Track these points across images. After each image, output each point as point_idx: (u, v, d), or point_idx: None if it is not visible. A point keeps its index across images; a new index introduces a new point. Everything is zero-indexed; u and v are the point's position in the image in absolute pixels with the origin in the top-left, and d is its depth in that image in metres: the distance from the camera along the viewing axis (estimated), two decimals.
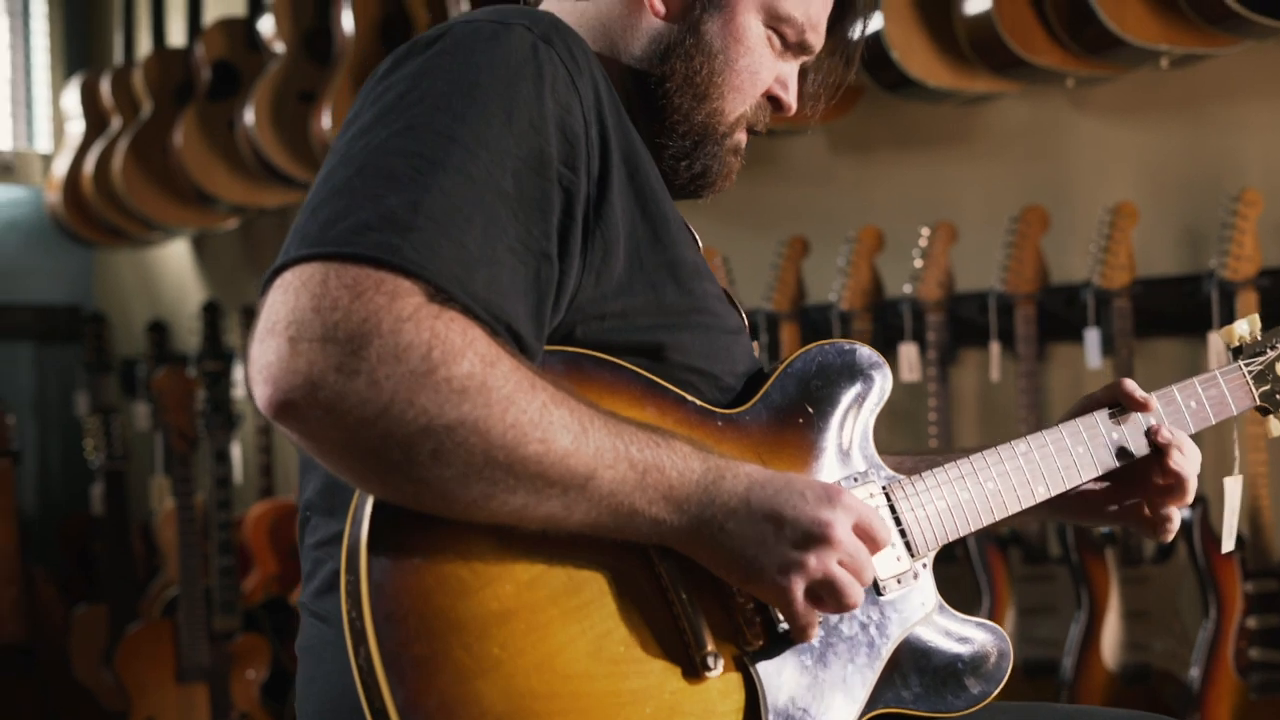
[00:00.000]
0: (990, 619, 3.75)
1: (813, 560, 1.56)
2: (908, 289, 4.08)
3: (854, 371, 1.76)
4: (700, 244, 1.88)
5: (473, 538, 1.50)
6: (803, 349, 1.77)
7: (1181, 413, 1.96)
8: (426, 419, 1.42)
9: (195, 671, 4.39)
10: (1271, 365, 2.09)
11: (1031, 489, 1.84)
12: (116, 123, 5.86)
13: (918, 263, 4.05)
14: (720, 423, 1.68)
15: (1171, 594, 3.69)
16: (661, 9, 1.78)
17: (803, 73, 1.91)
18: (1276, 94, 3.79)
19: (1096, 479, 1.90)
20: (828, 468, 1.72)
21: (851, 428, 1.75)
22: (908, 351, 4.09)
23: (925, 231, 4.06)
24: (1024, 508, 1.84)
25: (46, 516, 6.18)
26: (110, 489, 5.01)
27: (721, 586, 1.59)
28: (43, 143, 6.39)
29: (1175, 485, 1.88)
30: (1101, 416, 1.90)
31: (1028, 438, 1.86)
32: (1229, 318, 3.52)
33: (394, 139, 1.52)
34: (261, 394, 1.43)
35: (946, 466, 1.80)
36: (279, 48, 5.21)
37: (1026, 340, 3.86)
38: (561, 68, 1.60)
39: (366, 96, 1.60)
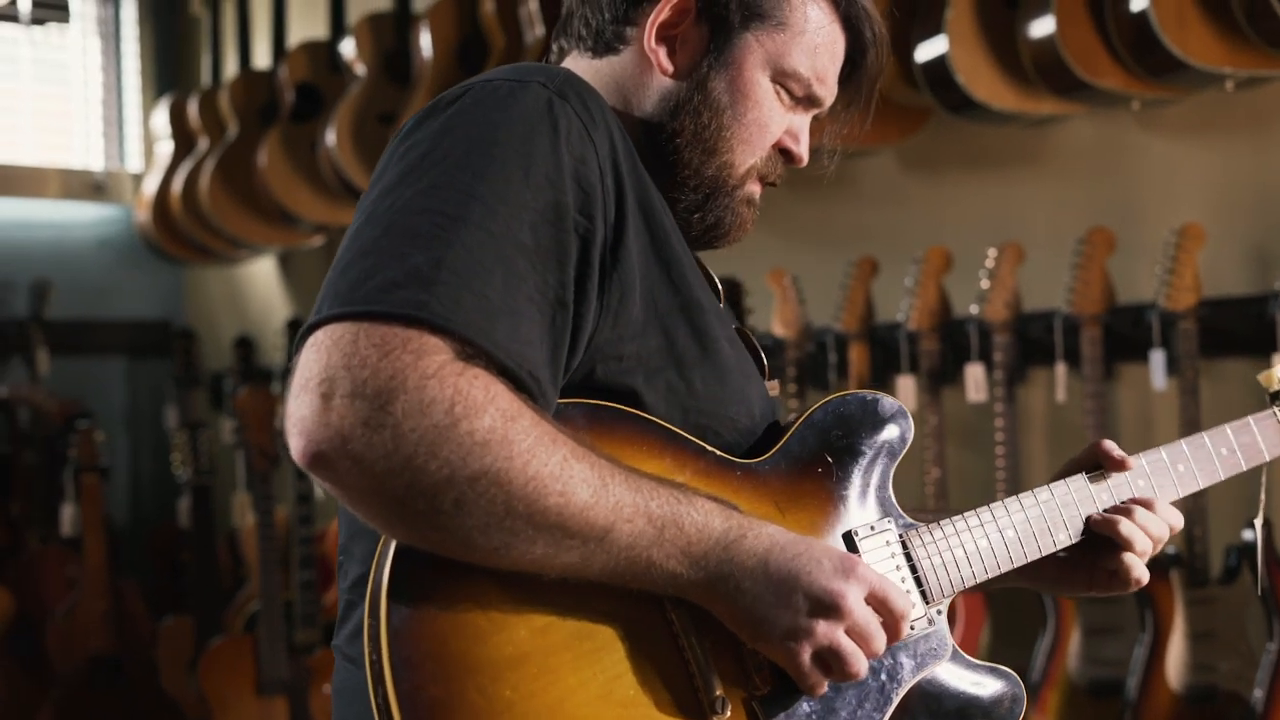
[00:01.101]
0: (1056, 639, 3.80)
1: (821, 628, 1.61)
2: (974, 309, 4.11)
3: (875, 421, 1.80)
4: (720, 290, 1.93)
5: (488, 585, 1.56)
6: (824, 399, 1.81)
7: (1212, 459, 1.98)
8: (449, 470, 1.48)
9: (275, 684, 4.49)
10: None
11: (1053, 537, 1.87)
12: (204, 143, 5.98)
13: (984, 283, 4.07)
14: (739, 473, 1.72)
15: (1238, 615, 3.69)
16: (669, 67, 1.83)
17: (821, 122, 1.95)
18: None
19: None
20: (845, 518, 1.76)
21: (871, 477, 1.79)
22: (974, 372, 4.11)
23: (992, 252, 4.08)
24: (1044, 554, 1.87)
25: (137, 528, 6.32)
26: (197, 503, 5.12)
27: (732, 633, 1.64)
28: (134, 162, 6.53)
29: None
30: (1134, 461, 1.93)
31: (1050, 486, 1.90)
32: None
33: (417, 198, 1.58)
34: (296, 445, 1.50)
35: (966, 514, 1.83)
36: (360, 70, 5.31)
37: (1092, 361, 3.88)
38: (576, 121, 1.66)
39: (392, 155, 1.67)
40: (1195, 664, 3.69)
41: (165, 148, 6.15)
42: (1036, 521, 1.86)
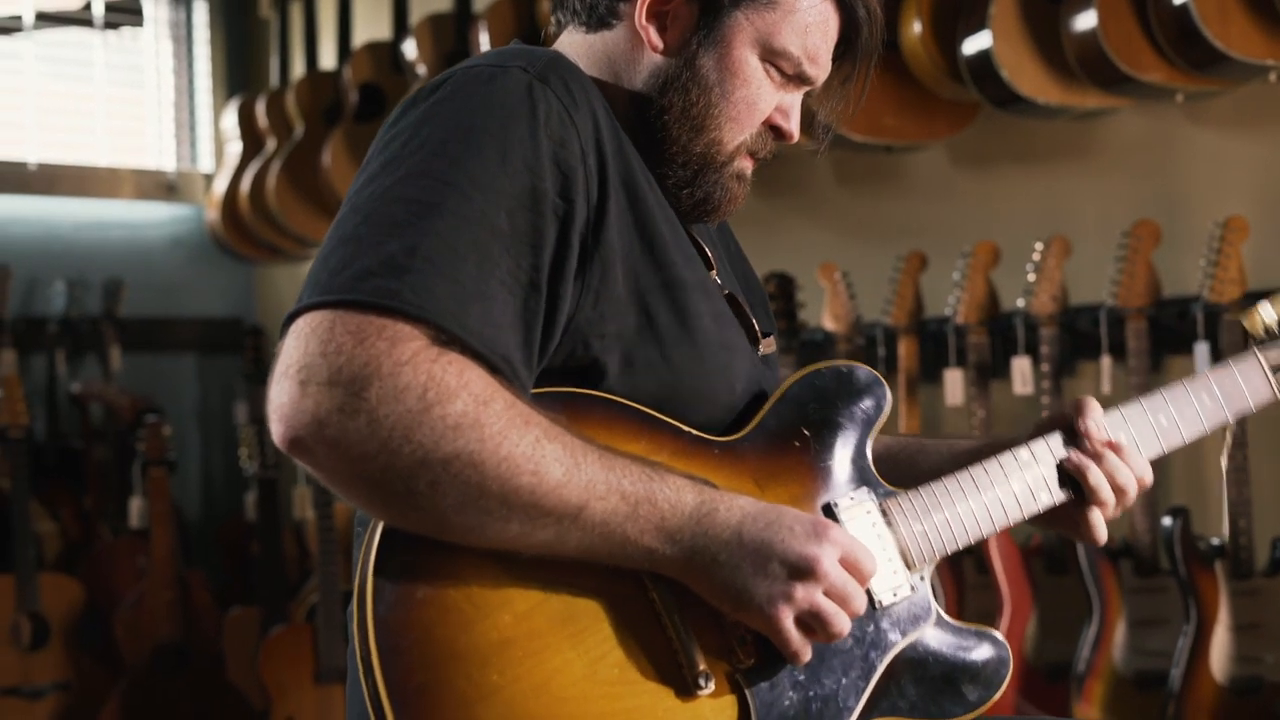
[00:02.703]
0: (1101, 630, 3.81)
1: (800, 592, 1.64)
2: (1021, 303, 4.12)
3: (851, 392, 1.82)
4: (715, 265, 1.95)
5: (472, 572, 1.61)
6: (799, 373, 1.83)
7: (1194, 407, 1.97)
8: (423, 453, 1.54)
9: (333, 673, 4.56)
10: None
11: (1034, 496, 1.88)
12: (271, 143, 6.08)
13: (1031, 276, 4.08)
14: (717, 451, 1.75)
15: None
16: (660, 43, 1.85)
17: (817, 98, 1.97)
18: None
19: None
20: (825, 490, 1.79)
21: (849, 448, 1.81)
22: (1020, 364, 4.13)
23: (1039, 245, 4.09)
24: (1027, 517, 1.88)
25: (208, 522, 6.43)
26: (263, 496, 5.20)
27: (713, 608, 1.67)
28: (205, 163, 6.64)
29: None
30: (1109, 416, 1.93)
31: (1030, 444, 1.90)
32: None
33: (395, 186, 1.64)
34: (275, 431, 1.56)
35: (945, 479, 1.85)
36: (421, 70, 5.39)
37: (1137, 354, 3.88)
38: (556, 104, 1.70)
39: (376, 145, 1.73)
40: (1240, 656, 3.69)
41: (234, 148, 6.25)
42: (1018, 484, 1.87)
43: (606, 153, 1.73)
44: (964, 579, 4.14)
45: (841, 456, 1.80)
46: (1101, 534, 1.91)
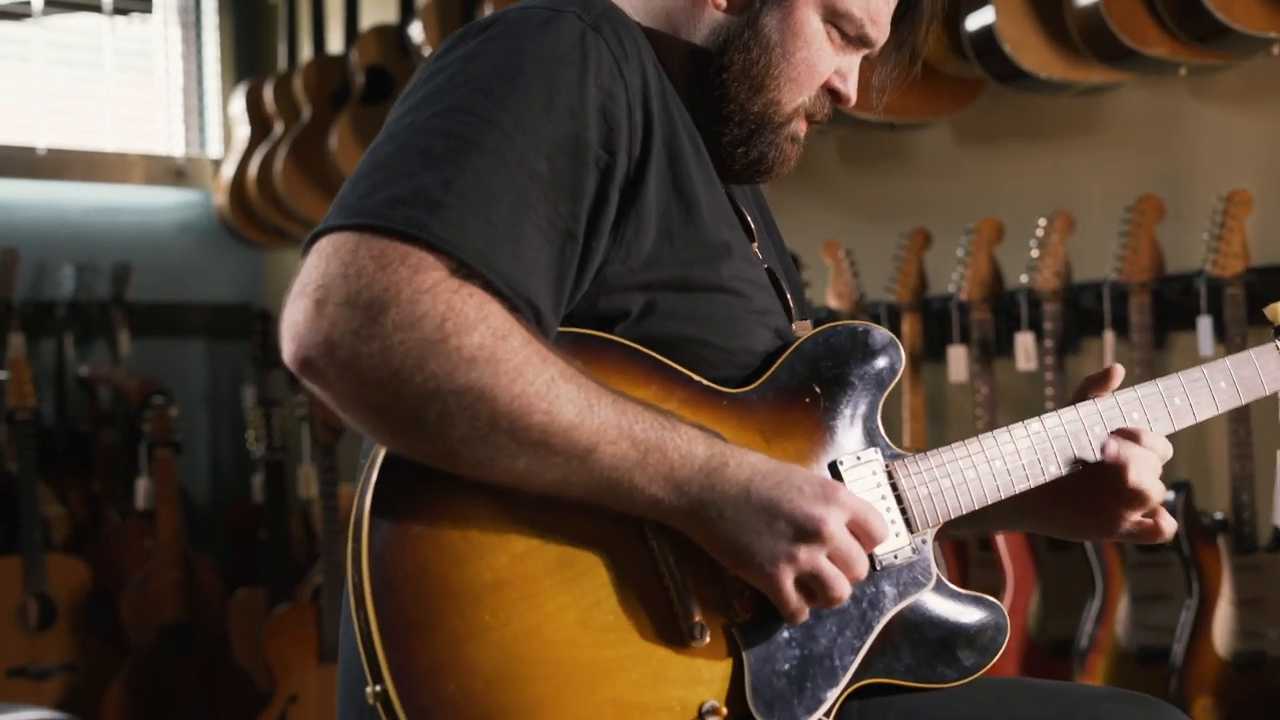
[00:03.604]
0: (1104, 606, 3.80)
1: (803, 553, 1.63)
2: (1024, 279, 4.11)
3: (865, 353, 1.80)
4: (755, 232, 1.93)
5: (470, 510, 1.60)
6: (814, 330, 1.82)
7: (1208, 391, 1.96)
8: (435, 383, 1.53)
9: (336, 652, 4.55)
10: None
11: (1042, 467, 1.86)
12: (279, 127, 6.07)
13: (1034, 253, 4.08)
14: (726, 402, 1.74)
15: None
16: (723, 1, 1.83)
17: (871, 63, 1.95)
18: None
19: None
20: (832, 448, 1.77)
21: (859, 408, 1.79)
22: (1024, 341, 4.12)
23: (1042, 222, 4.08)
24: (1033, 485, 1.86)
25: (216, 506, 6.43)
26: (270, 478, 5.20)
27: (713, 560, 1.66)
28: (214, 148, 6.64)
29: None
30: (1124, 395, 1.93)
31: (1042, 417, 1.88)
32: None
33: (436, 119, 1.62)
34: (287, 350, 1.55)
35: (954, 445, 1.84)
36: (428, 53, 5.37)
37: (1141, 329, 3.87)
38: (608, 55, 1.69)
39: (420, 76, 1.71)
40: (1242, 630, 3.68)
41: (242, 133, 6.25)
42: (1026, 453, 1.85)
43: (653, 109, 1.72)
44: (967, 555, 4.13)
45: (851, 415, 1.79)
46: (1169, 527, 1.89)
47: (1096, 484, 1.89)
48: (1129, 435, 1.88)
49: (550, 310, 1.63)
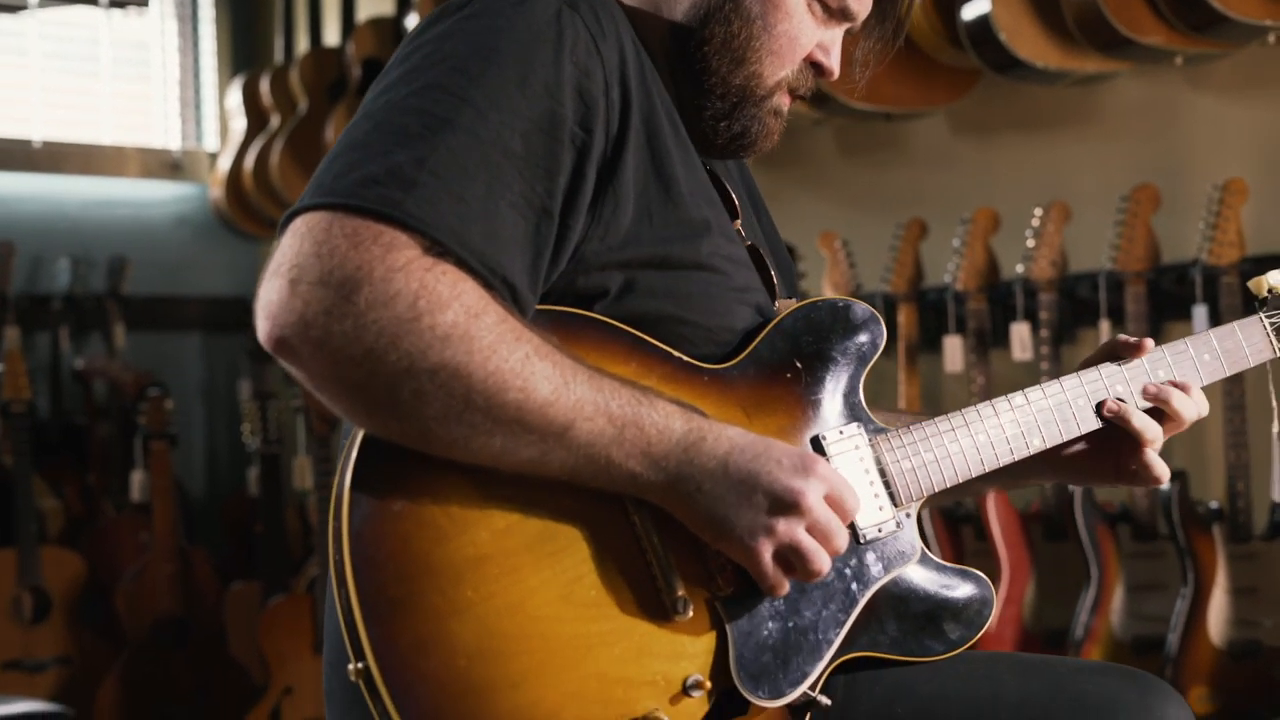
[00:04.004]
0: (1099, 595, 3.79)
1: (781, 525, 1.62)
2: (1020, 269, 4.10)
3: (847, 328, 1.80)
4: (740, 216, 1.93)
5: (450, 487, 1.59)
6: (795, 305, 1.81)
7: (1193, 364, 1.97)
8: (409, 362, 1.52)
9: None
10: None
11: (1026, 441, 1.86)
12: (275, 120, 6.07)
13: (1030, 243, 4.07)
14: (706, 378, 1.73)
15: None
16: None
17: (854, 37, 1.95)
18: None
19: (1093, 436, 1.92)
20: (814, 423, 1.76)
21: (841, 383, 1.79)
22: (1019, 331, 4.11)
23: (1038, 211, 4.08)
24: (1017, 458, 1.86)
25: (212, 500, 6.43)
26: (265, 471, 5.20)
27: (695, 534, 1.65)
28: (210, 141, 6.64)
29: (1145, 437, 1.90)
30: (1106, 369, 1.93)
31: (1025, 391, 1.88)
32: None
33: (411, 98, 1.61)
34: (261, 329, 1.54)
35: (938, 419, 1.83)
36: None
37: (1136, 318, 3.86)
38: (584, 32, 1.68)
39: (397, 56, 1.70)
40: (1238, 620, 3.67)
41: (239, 125, 6.25)
42: (1010, 426, 1.85)
43: (631, 87, 1.71)
44: (963, 545, 4.13)
45: (833, 390, 1.78)
46: (1162, 471, 1.90)
47: (1093, 437, 1.91)
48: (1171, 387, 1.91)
49: (526, 287, 1.63)
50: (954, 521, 4.16)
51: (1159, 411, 1.90)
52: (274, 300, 1.53)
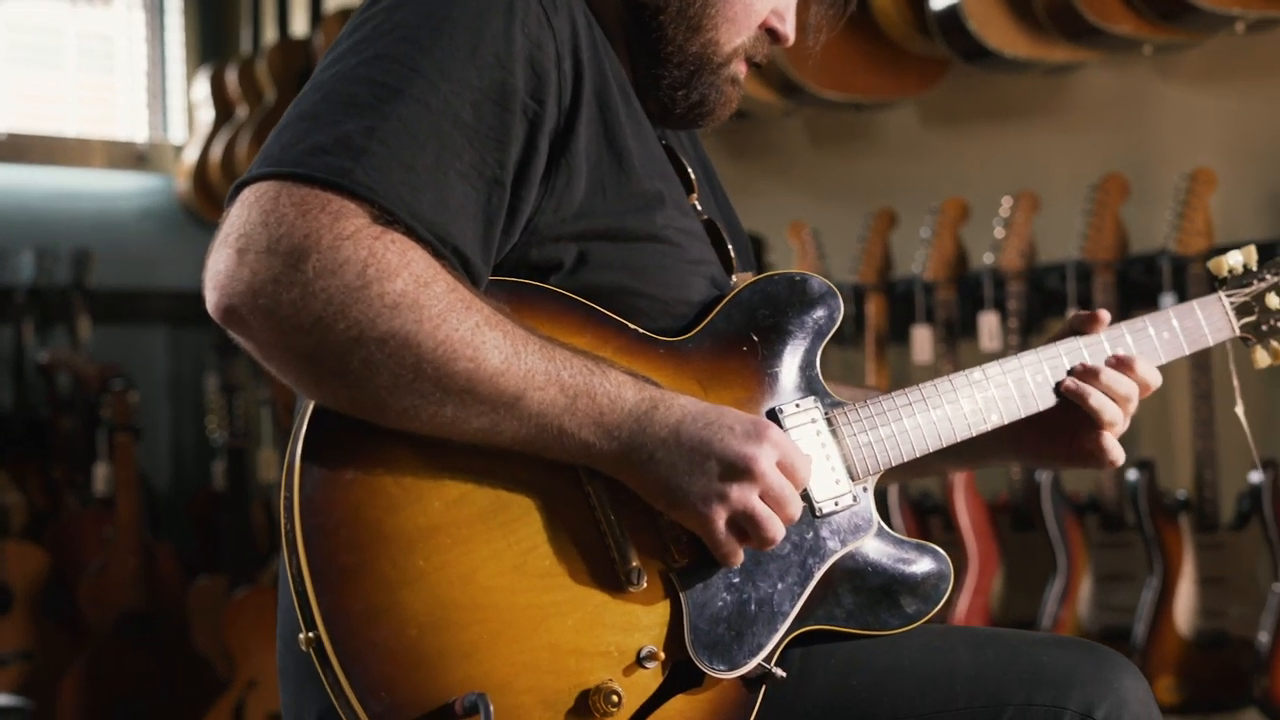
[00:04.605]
0: (1066, 586, 3.78)
1: (735, 492, 1.61)
2: (989, 259, 4.09)
3: (803, 301, 1.79)
4: (696, 190, 1.92)
5: (403, 456, 1.57)
6: (752, 279, 1.80)
7: (1152, 342, 1.96)
8: (358, 330, 1.50)
9: None
10: (1260, 296, 2.07)
11: (984, 416, 1.86)
12: (242, 112, 6.04)
13: (999, 232, 4.06)
14: (662, 350, 1.72)
15: (1249, 560, 3.67)
16: None
17: (807, 3, 1.94)
18: None
19: (1051, 417, 1.90)
20: (770, 396, 1.75)
21: (798, 356, 1.78)
22: (988, 320, 4.10)
23: (1007, 201, 4.07)
24: (974, 434, 1.85)
25: (179, 493, 6.38)
26: (231, 465, 5.17)
27: (650, 505, 1.64)
28: (176, 133, 6.59)
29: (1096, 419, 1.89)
30: (1065, 344, 1.92)
31: (984, 366, 1.88)
32: None
33: (360, 68, 1.60)
34: (210, 299, 1.53)
35: (895, 394, 1.82)
36: None
37: (1105, 308, 3.74)
38: (535, 4, 1.66)
39: (347, 27, 1.68)
40: (1204, 609, 3.66)
41: (205, 117, 6.21)
42: (968, 402, 1.85)
43: (583, 59, 1.70)
44: (931, 536, 4.11)
45: (789, 364, 1.77)
46: (1117, 454, 1.90)
47: (1051, 416, 1.89)
48: (1119, 361, 1.90)
49: (479, 257, 1.61)
50: (922, 512, 4.15)
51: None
52: (222, 270, 1.51)
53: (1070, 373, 1.90)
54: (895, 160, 4.70)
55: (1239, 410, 2.15)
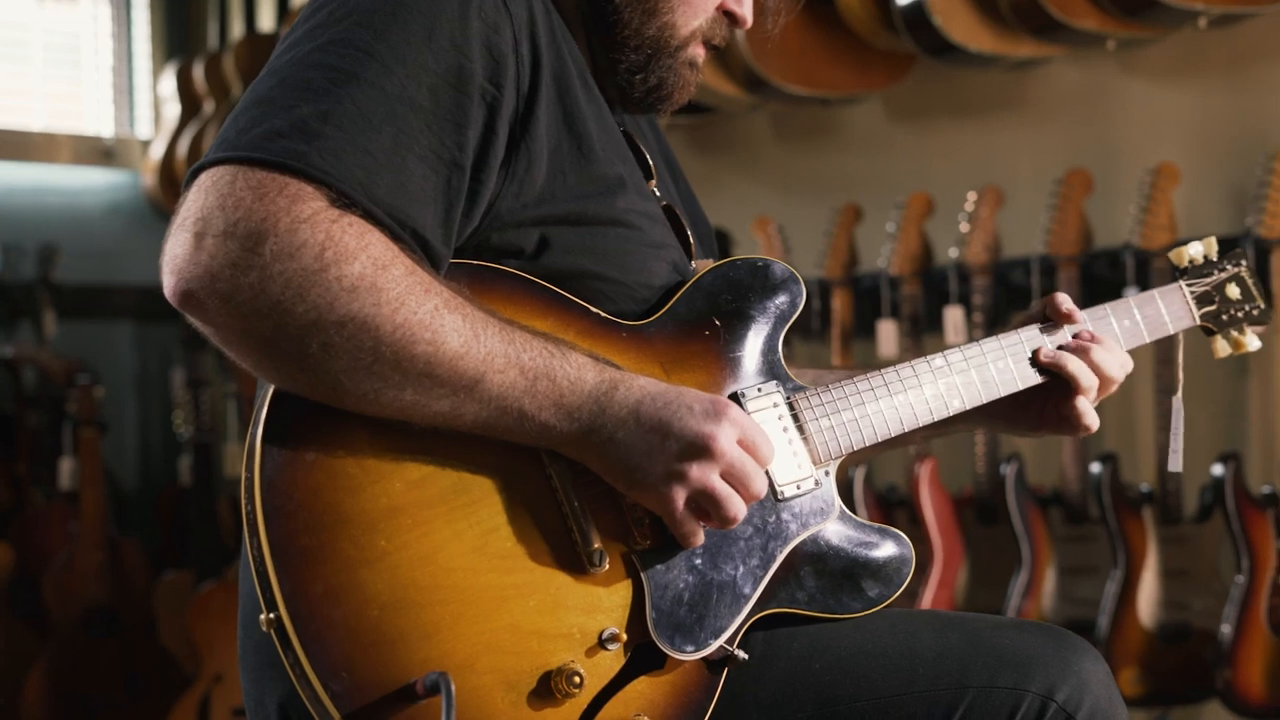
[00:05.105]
0: (1031, 579, 3.79)
1: (695, 471, 1.62)
2: (954, 253, 4.11)
3: (765, 287, 1.80)
4: (655, 176, 1.93)
5: (364, 437, 1.58)
6: (714, 264, 1.81)
7: (1113, 330, 1.98)
8: (316, 314, 1.51)
9: None
10: (1220, 286, 2.10)
11: (946, 402, 1.87)
12: (209, 107, 6.02)
13: (964, 227, 4.07)
14: (624, 334, 1.73)
15: (1211, 552, 3.68)
16: None
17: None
18: None
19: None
20: (732, 379, 1.76)
21: (760, 341, 1.79)
22: (953, 315, 4.11)
23: (972, 195, 4.08)
24: (936, 420, 1.87)
25: (145, 490, 6.35)
26: (198, 460, 5.15)
27: (612, 487, 1.65)
28: (143, 128, 6.56)
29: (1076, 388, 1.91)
30: (1029, 332, 1.93)
31: (945, 352, 1.89)
32: (1265, 276, 3.51)
33: (316, 53, 1.60)
34: (167, 284, 1.53)
35: (858, 379, 1.84)
36: None
37: None
38: None
39: (303, 14, 1.69)
40: (1168, 601, 3.68)
41: (172, 112, 6.18)
42: (929, 388, 1.87)
43: (540, 44, 1.70)
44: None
45: (752, 348, 1.78)
46: (1092, 419, 1.92)
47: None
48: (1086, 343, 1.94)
49: (439, 240, 1.62)
50: (887, 506, 4.16)
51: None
52: (179, 254, 1.52)
53: (1038, 355, 1.92)
54: (860, 155, 4.71)
55: (1176, 400, 2.17)
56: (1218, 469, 3.60)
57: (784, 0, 1.97)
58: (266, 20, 6.13)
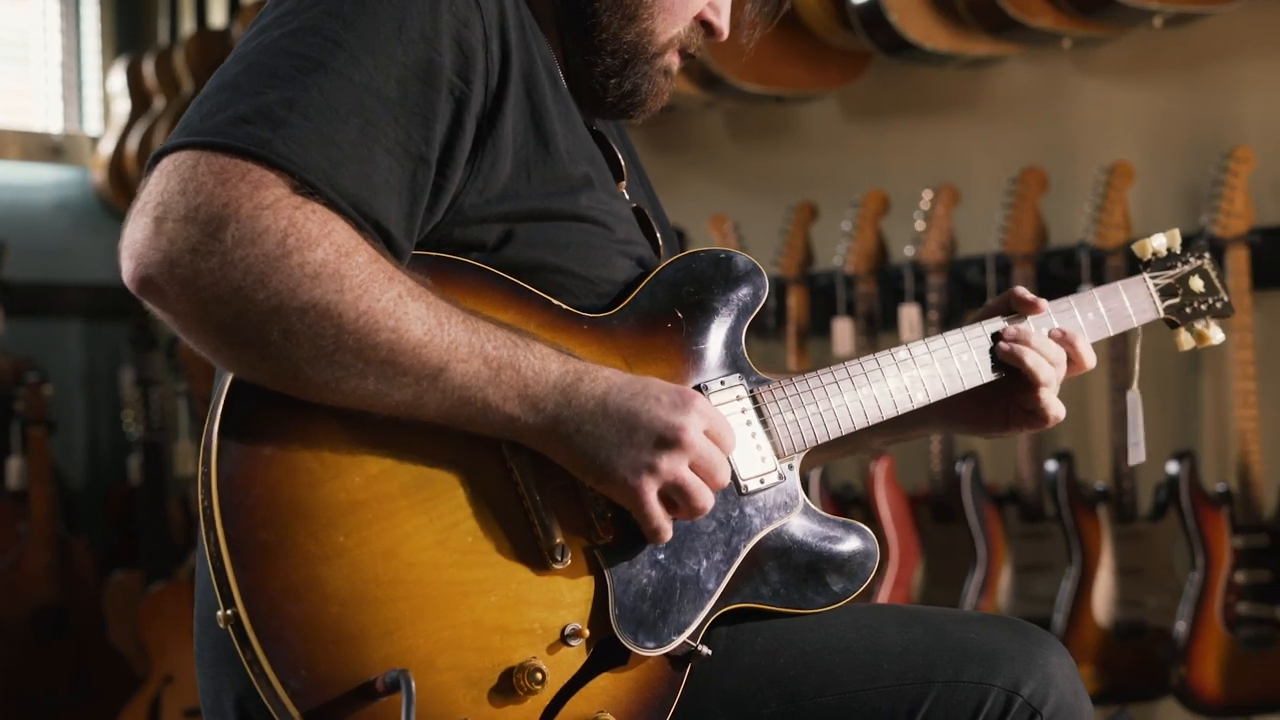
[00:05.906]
0: (986, 577, 3.79)
1: (664, 463, 1.61)
2: (910, 252, 4.11)
3: (728, 278, 1.79)
4: (624, 168, 1.92)
5: (323, 431, 1.56)
6: (676, 256, 1.79)
7: (1077, 323, 1.98)
8: (278, 300, 1.48)
9: None
10: (1184, 279, 2.09)
11: (909, 395, 1.87)
12: (159, 103, 5.97)
13: (919, 225, 4.07)
14: (586, 326, 1.71)
15: (1165, 550, 3.70)
16: None
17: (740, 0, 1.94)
18: (1273, 53, 3.78)
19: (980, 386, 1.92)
20: (694, 371, 1.75)
21: (723, 333, 1.78)
22: (908, 313, 4.11)
23: (927, 194, 4.08)
24: (900, 413, 1.86)
25: (94, 488, 6.30)
26: (148, 460, 5.11)
27: (574, 481, 1.63)
28: (93, 125, 6.51)
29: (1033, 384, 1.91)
30: (992, 324, 1.93)
31: (909, 345, 1.89)
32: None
33: (283, 40, 1.57)
34: (126, 269, 1.51)
35: (820, 372, 1.83)
36: None
37: None
38: None
39: (272, 0, 1.66)
40: (1123, 599, 3.69)
41: (122, 108, 6.13)
42: (894, 380, 1.86)
43: (510, 41, 1.68)
44: None
45: (714, 341, 1.77)
46: (1058, 410, 1.92)
47: (983, 386, 1.92)
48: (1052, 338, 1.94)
49: (401, 233, 1.60)
50: (843, 504, 4.15)
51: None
52: (139, 239, 1.49)
53: (1001, 337, 1.91)
54: (816, 153, 4.71)
55: (1132, 394, 2.16)
56: (1172, 467, 3.61)
57: (760, 15, 1.95)
58: (218, 16, 6.09)
